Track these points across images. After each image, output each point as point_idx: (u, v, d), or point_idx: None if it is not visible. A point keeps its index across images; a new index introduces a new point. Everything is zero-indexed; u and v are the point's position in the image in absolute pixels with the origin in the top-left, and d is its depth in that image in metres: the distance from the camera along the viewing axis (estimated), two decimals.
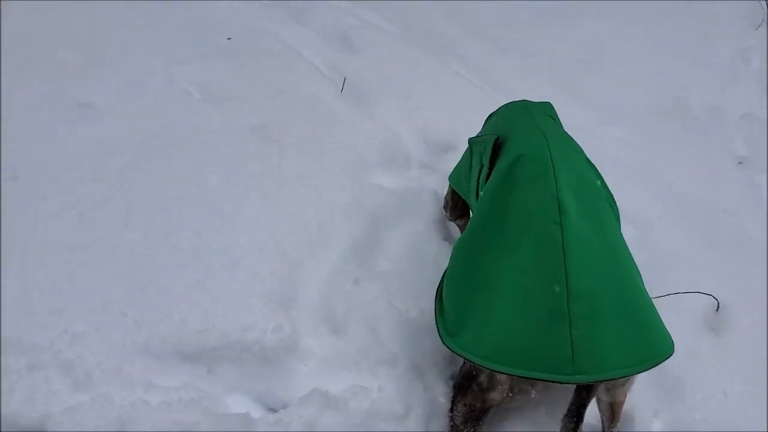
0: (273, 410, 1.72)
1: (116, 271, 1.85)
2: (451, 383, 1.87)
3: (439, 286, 1.85)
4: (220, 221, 2.04)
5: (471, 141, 2.13)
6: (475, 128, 2.76)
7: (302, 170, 2.31)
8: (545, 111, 2.12)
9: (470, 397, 1.75)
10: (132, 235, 1.94)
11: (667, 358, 1.53)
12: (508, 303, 1.53)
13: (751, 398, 1.95)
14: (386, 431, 1.71)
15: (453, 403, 1.80)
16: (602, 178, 1.80)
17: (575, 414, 1.56)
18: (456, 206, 2.33)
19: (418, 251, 2.20)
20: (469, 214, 2.30)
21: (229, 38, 2.93)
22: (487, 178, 1.86)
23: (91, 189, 2.04)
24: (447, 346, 1.67)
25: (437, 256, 2.17)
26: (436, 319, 1.78)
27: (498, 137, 1.88)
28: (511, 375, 1.56)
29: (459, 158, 2.66)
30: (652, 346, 1.51)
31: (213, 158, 2.24)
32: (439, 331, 1.72)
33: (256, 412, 1.69)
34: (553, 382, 1.47)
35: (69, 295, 1.77)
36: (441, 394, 1.83)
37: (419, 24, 3.68)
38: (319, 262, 2.06)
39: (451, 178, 2.30)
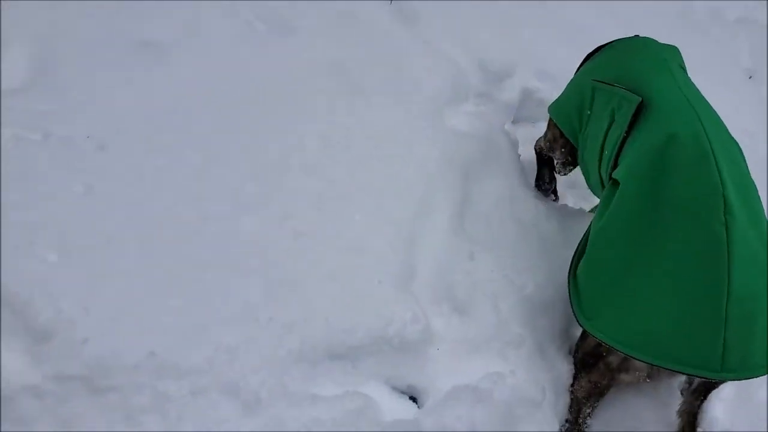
0: (420, 406, 1.74)
1: (243, 267, 1.69)
2: (570, 359, 1.97)
3: (572, 266, 1.86)
4: (330, 195, 1.89)
5: (596, 86, 2.00)
6: (537, 53, 2.64)
7: (389, 120, 2.14)
8: (677, 60, 2.03)
9: (596, 374, 1.85)
10: (248, 220, 1.76)
11: None
12: (660, 295, 1.57)
13: None
14: (527, 418, 1.79)
15: (576, 378, 1.91)
16: (740, 148, 1.77)
17: (697, 410, 1.71)
18: (564, 154, 2.25)
19: (514, 213, 2.16)
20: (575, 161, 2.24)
21: None
22: (623, 143, 1.80)
23: (187, 160, 1.78)
24: (585, 329, 1.73)
25: (535, 218, 2.16)
26: (570, 300, 1.81)
27: (642, 100, 1.79)
28: (653, 365, 1.66)
29: (517, 86, 2.57)
30: None
31: (303, 110, 2.00)
32: (574, 313, 1.77)
33: (410, 412, 1.70)
34: (699, 377, 1.59)
35: (204, 304, 1.61)
36: (564, 372, 1.92)
37: None
38: (432, 234, 1.99)
39: (559, 120, 2.19)
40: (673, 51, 2.05)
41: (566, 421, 1.90)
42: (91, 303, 1.48)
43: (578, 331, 1.98)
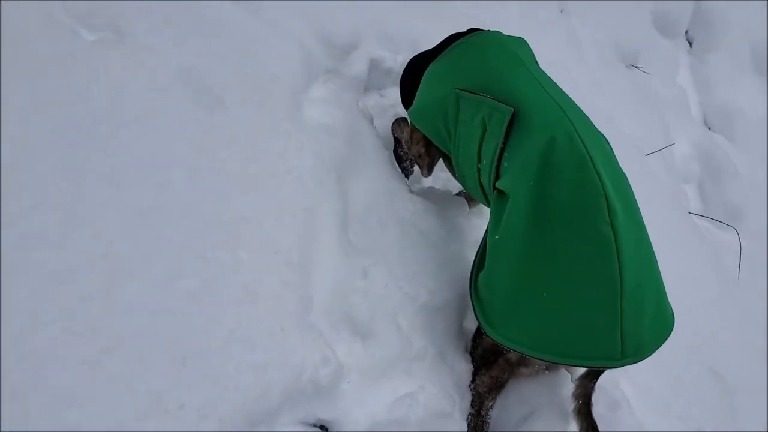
0: None
1: (139, 350, 1.46)
2: (467, 356, 2.02)
3: (472, 277, 1.87)
4: (212, 237, 1.66)
5: (460, 95, 1.95)
6: (380, 20, 2.50)
7: (255, 130, 1.90)
8: (528, 54, 2.05)
9: (497, 370, 1.94)
10: (130, 289, 1.50)
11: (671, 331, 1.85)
12: (559, 299, 1.64)
13: None
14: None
15: (476, 374, 1.98)
16: (606, 139, 1.84)
17: (591, 391, 1.87)
18: (432, 160, 2.21)
19: (394, 211, 2.09)
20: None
21: None
22: (501, 152, 1.81)
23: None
24: (491, 338, 1.79)
25: (414, 217, 2.11)
26: (474, 310, 1.84)
27: (514, 110, 1.79)
28: (560, 364, 1.78)
29: (364, 57, 2.45)
30: (667, 324, 1.76)
31: (158, 138, 1.70)
32: (480, 323, 1.81)
33: None
34: (602, 368, 1.73)
35: (106, 399, 1.37)
36: (464, 371, 1.96)
37: None
38: (322, 256, 1.86)
39: (426, 130, 2.12)
40: (522, 44, 2.05)
41: (469, 414, 1.96)
42: None
43: (473, 326, 2.02)
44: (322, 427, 1.71)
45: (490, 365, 1.95)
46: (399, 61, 2.62)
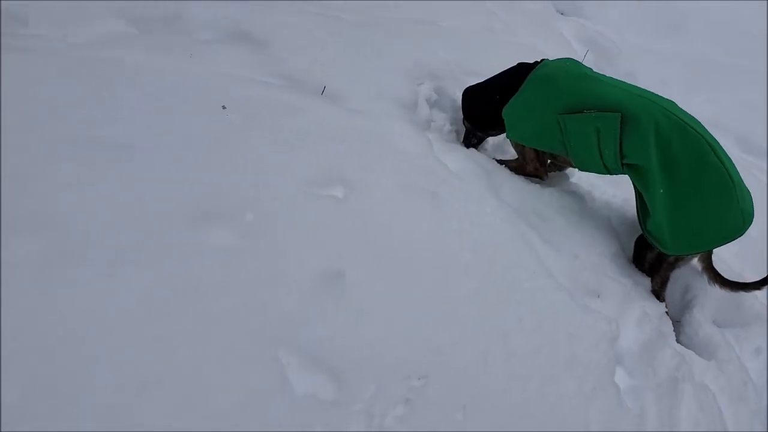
0: None
1: None
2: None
3: (642, 224, 2.75)
4: None
5: (563, 118, 2.74)
6: None
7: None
8: (588, 68, 2.89)
9: (663, 270, 2.88)
10: None
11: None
12: (699, 209, 2.55)
13: None
14: None
15: (651, 279, 2.90)
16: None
17: (712, 263, 2.88)
18: (545, 167, 2.98)
19: (548, 206, 2.88)
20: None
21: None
22: (621, 143, 2.68)
23: None
24: (669, 254, 2.72)
25: (559, 201, 2.91)
26: (652, 243, 2.73)
27: (621, 114, 2.65)
28: (709, 250, 2.77)
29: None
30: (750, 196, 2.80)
31: None
32: (659, 249, 2.72)
33: None
34: (732, 240, 2.73)
35: None
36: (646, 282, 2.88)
37: None
38: (552, 261, 2.62)
39: (542, 147, 2.90)
40: (576, 62, 2.88)
41: (653, 292, 2.87)
42: None
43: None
44: None
45: (658, 269, 2.87)
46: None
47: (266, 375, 1.75)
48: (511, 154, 3.38)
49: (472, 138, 3.20)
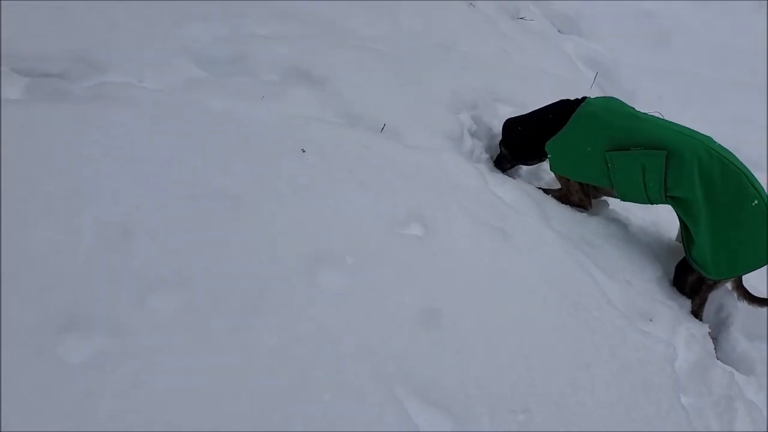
0: None
1: None
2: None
3: (687, 250, 2.95)
4: None
5: (611, 155, 2.93)
6: None
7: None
8: (629, 106, 3.08)
9: (702, 292, 3.09)
10: None
11: None
12: (737, 240, 2.83)
13: None
14: None
15: (692, 299, 3.10)
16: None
17: (742, 285, 3.11)
18: (589, 197, 3.16)
19: (597, 233, 3.06)
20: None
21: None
22: (665, 178, 2.88)
23: None
24: (711, 279, 2.94)
25: (606, 229, 3.10)
26: (696, 268, 2.94)
27: (666, 152, 2.85)
28: (743, 275, 3.00)
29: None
30: None
31: None
32: (701, 273, 2.93)
33: None
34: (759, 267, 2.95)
35: None
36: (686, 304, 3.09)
37: None
38: (612, 287, 2.79)
39: (590, 180, 3.09)
40: (620, 102, 3.07)
41: (692, 312, 3.07)
42: None
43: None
44: None
45: (698, 291, 3.08)
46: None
47: (394, 414, 1.86)
48: (545, 181, 3.55)
49: (506, 163, 3.35)
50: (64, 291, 1.69)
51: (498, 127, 3.52)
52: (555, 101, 3.16)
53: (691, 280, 3.04)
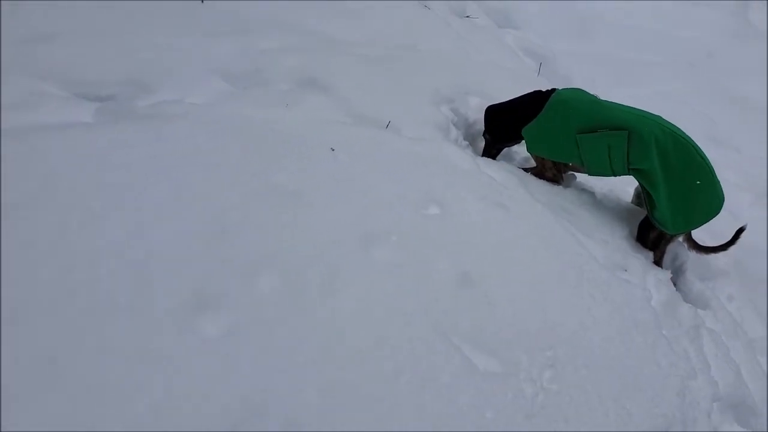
0: None
1: None
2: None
3: (649, 213, 3.51)
4: None
5: (580, 137, 3.45)
6: None
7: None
8: (593, 95, 3.62)
9: (662, 245, 3.67)
10: None
11: None
12: (691, 196, 3.40)
13: None
14: None
15: (653, 253, 3.68)
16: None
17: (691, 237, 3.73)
18: (561, 173, 3.68)
19: (571, 202, 3.58)
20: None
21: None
22: (628, 155, 3.44)
23: None
24: (671, 234, 3.52)
25: (579, 199, 3.62)
26: (657, 225, 3.51)
27: (628, 132, 3.41)
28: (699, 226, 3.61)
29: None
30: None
31: None
32: (661, 229, 3.52)
33: None
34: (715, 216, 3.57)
35: None
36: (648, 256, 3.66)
37: None
38: (592, 244, 3.32)
39: (561, 159, 3.59)
40: (584, 91, 3.60)
41: (654, 262, 3.65)
42: None
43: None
44: None
45: (658, 245, 3.65)
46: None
47: (459, 359, 2.29)
48: (517, 161, 4.05)
49: (493, 149, 3.83)
50: (190, 278, 2.03)
51: (472, 117, 3.98)
52: (528, 92, 3.65)
53: (652, 236, 3.60)
